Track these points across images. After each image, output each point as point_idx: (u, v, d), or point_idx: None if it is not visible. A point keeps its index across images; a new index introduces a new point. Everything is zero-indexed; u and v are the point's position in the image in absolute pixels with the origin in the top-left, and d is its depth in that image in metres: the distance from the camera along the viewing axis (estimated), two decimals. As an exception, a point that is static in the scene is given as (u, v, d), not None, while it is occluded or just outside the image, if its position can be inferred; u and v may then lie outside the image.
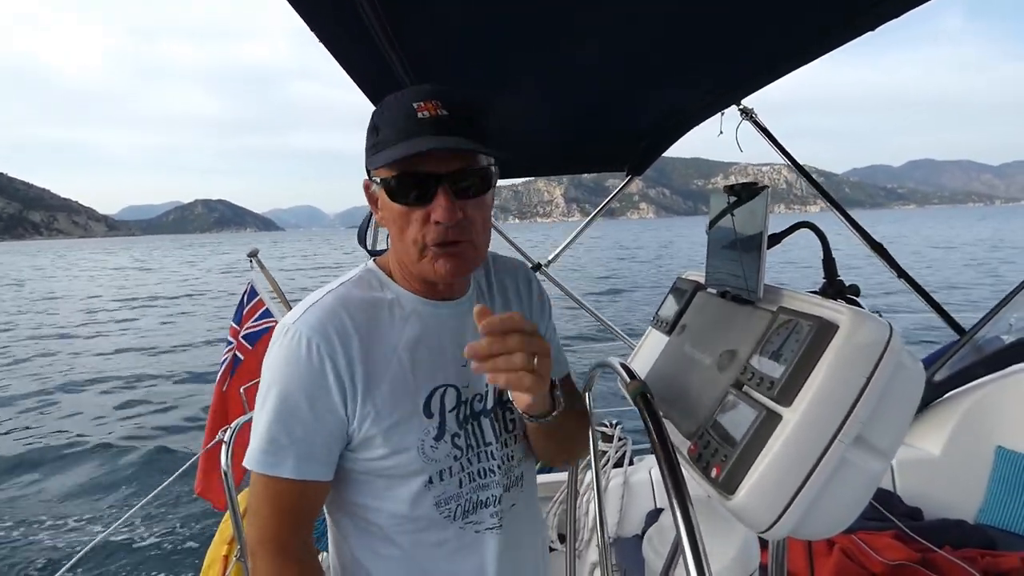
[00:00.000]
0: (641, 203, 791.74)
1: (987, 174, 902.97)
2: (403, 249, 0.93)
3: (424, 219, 0.89)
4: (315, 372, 0.89)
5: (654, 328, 1.43)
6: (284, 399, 0.89)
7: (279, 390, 0.90)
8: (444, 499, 0.96)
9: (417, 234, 0.90)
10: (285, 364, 0.90)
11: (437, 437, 0.95)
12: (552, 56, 1.59)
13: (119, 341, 17.27)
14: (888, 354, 0.81)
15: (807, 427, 0.81)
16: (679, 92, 2.03)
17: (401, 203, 0.89)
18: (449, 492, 0.97)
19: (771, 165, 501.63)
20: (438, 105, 0.87)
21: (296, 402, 0.89)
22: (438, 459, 0.95)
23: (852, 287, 1.10)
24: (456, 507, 0.97)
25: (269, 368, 0.92)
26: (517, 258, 1.24)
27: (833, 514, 0.84)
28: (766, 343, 0.94)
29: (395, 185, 0.89)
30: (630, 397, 0.99)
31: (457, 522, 0.97)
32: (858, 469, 0.83)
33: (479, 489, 0.99)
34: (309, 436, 0.90)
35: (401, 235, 0.92)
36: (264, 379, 0.93)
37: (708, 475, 0.89)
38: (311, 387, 0.89)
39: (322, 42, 1.33)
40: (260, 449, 0.90)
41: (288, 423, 0.89)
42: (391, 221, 0.93)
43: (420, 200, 0.88)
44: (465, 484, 0.98)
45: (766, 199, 1.03)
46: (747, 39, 1.53)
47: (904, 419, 0.86)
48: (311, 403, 0.89)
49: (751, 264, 1.05)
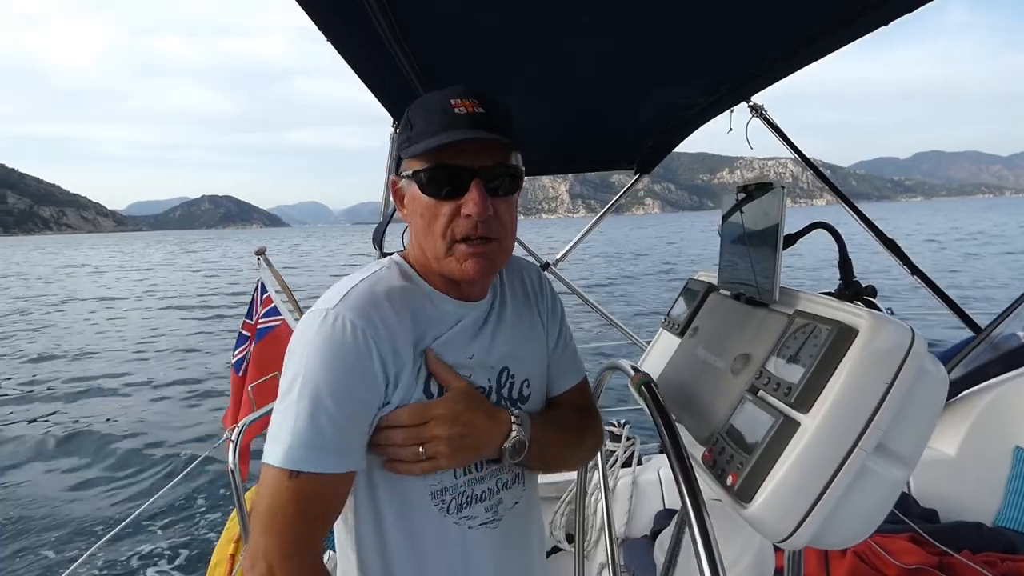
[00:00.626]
0: (647, 198, 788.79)
1: (996, 165, 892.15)
2: (430, 244, 0.92)
3: (454, 213, 0.89)
4: (361, 358, 0.85)
5: (665, 329, 1.41)
6: (326, 387, 0.84)
7: (320, 377, 0.84)
8: (439, 491, 0.95)
9: (446, 228, 0.89)
10: (325, 351, 0.85)
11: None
12: (559, 54, 1.57)
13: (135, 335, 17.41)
14: (910, 359, 0.78)
15: (826, 434, 0.79)
16: (687, 89, 2.00)
17: (432, 195, 0.89)
18: (444, 483, 0.95)
19: (777, 159, 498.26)
20: (475, 103, 0.88)
21: (339, 390, 0.84)
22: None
23: (869, 288, 1.07)
24: (451, 500, 0.96)
25: (304, 355, 0.86)
26: (526, 258, 1.23)
27: (853, 524, 0.82)
28: (783, 347, 0.91)
29: (428, 177, 0.89)
30: (634, 389, 0.97)
31: (451, 516, 0.96)
32: (879, 477, 0.81)
33: (474, 483, 0.98)
34: (351, 425, 0.86)
35: (429, 229, 0.91)
36: (296, 367, 0.86)
37: (723, 483, 0.87)
38: (356, 373, 0.85)
39: (330, 41, 1.32)
40: (299, 444, 0.83)
41: (331, 413, 0.83)
42: (418, 215, 0.92)
43: (453, 193, 0.88)
44: (460, 475, 0.96)
45: (781, 198, 1.01)
46: (756, 35, 1.50)
47: (927, 426, 0.83)
48: (355, 390, 0.86)
49: (767, 265, 1.02)
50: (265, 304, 3.43)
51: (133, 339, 16.82)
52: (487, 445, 0.93)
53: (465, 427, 0.91)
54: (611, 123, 2.39)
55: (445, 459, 0.90)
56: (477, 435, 0.92)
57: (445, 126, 0.87)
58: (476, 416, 0.92)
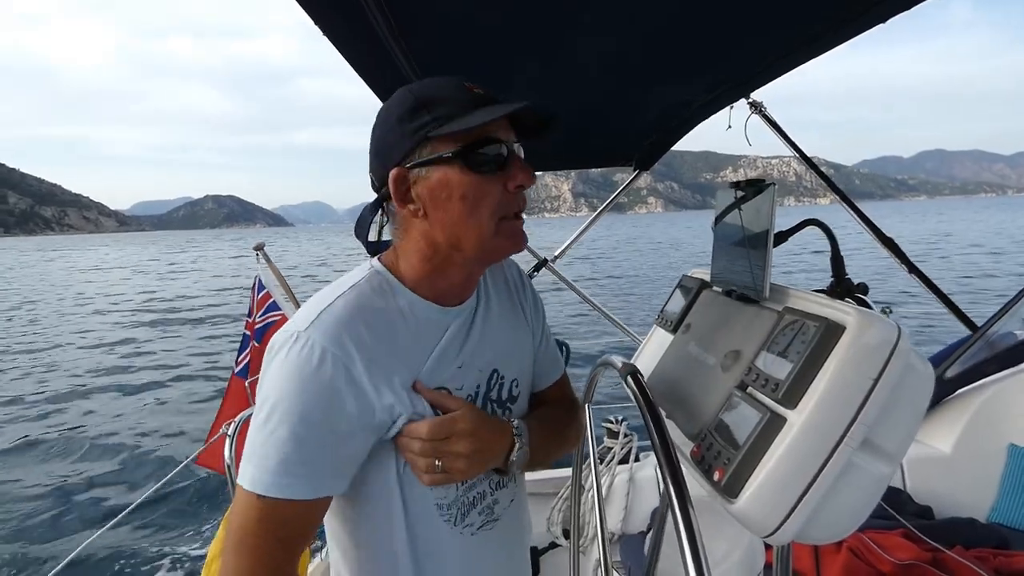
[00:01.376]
0: (649, 197, 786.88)
1: (999, 164, 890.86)
2: (474, 225, 0.87)
3: (503, 188, 0.88)
4: (329, 386, 0.83)
5: (659, 326, 1.42)
6: (296, 415, 0.82)
7: (290, 405, 0.82)
8: (445, 504, 0.95)
9: (495, 205, 0.87)
10: (294, 377, 0.82)
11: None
12: (557, 51, 1.57)
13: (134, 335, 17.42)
14: (896, 356, 0.79)
15: (812, 430, 0.79)
16: (687, 86, 2.00)
17: (480, 172, 0.86)
18: (449, 497, 0.96)
19: (780, 158, 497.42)
20: (486, 90, 0.90)
21: (307, 418, 0.82)
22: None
23: (860, 286, 1.08)
24: (456, 511, 0.97)
25: (276, 379, 0.83)
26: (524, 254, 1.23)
27: (839, 519, 0.83)
28: (771, 344, 0.92)
29: (479, 154, 0.86)
30: (622, 378, 0.98)
31: (457, 527, 0.97)
32: (865, 473, 0.81)
33: (469, 489, 0.98)
34: (320, 452, 0.83)
35: (474, 211, 0.86)
36: (269, 392, 0.84)
37: (710, 478, 0.88)
38: (325, 401, 0.83)
39: (327, 37, 1.32)
40: (269, 470, 0.81)
41: (298, 440, 0.81)
42: (457, 199, 0.86)
43: (498, 168, 0.88)
44: (459, 486, 0.97)
45: (772, 196, 1.01)
46: (756, 32, 1.50)
47: (913, 422, 0.84)
48: (327, 417, 0.83)
49: (757, 262, 1.03)
50: (263, 301, 3.44)
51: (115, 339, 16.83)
52: (495, 459, 0.96)
53: (482, 443, 0.92)
54: (612, 121, 2.39)
55: (460, 474, 0.92)
56: (490, 450, 0.94)
57: (476, 104, 0.86)
58: (490, 432, 0.94)
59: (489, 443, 0.94)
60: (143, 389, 11.12)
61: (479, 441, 0.92)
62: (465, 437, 0.90)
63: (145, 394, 10.79)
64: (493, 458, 0.95)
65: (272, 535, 0.83)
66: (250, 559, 0.83)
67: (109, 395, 10.83)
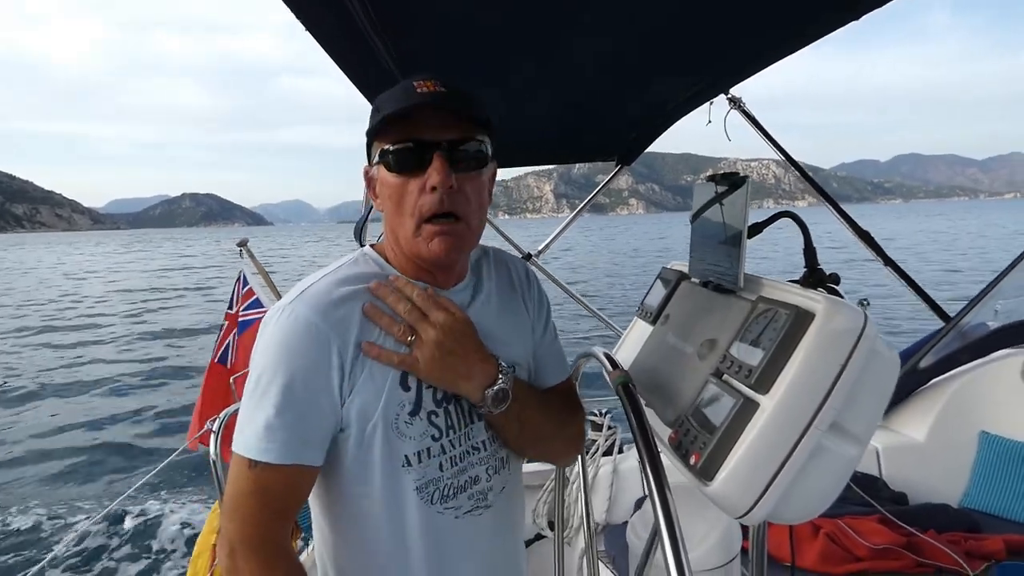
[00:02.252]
0: (631, 199, 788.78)
1: (972, 168, 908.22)
2: (400, 225, 0.93)
3: (420, 189, 0.90)
4: (313, 353, 0.87)
5: (639, 318, 1.44)
6: (280, 382, 0.87)
7: (274, 372, 0.87)
8: (423, 484, 0.94)
9: (413, 206, 0.90)
10: (281, 345, 0.88)
11: (412, 412, 0.93)
12: (542, 53, 1.59)
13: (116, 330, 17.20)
14: (862, 342, 0.82)
15: (783, 414, 0.82)
16: (667, 81, 2.03)
17: (398, 171, 0.91)
18: (429, 475, 0.95)
19: (759, 160, 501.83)
20: (437, 83, 0.91)
21: (292, 384, 0.87)
22: (413, 436, 0.93)
23: (832, 275, 1.11)
24: (435, 491, 0.95)
25: (263, 350, 0.90)
26: (508, 249, 1.24)
27: (809, 499, 0.86)
28: (745, 332, 0.95)
29: (393, 153, 0.91)
30: (613, 387, 1.00)
31: (436, 506, 0.95)
32: (834, 455, 0.84)
33: (460, 473, 0.97)
34: (304, 419, 0.88)
35: (398, 209, 0.92)
36: (257, 362, 0.90)
37: (687, 462, 0.91)
38: (308, 368, 0.87)
39: (312, 35, 1.32)
40: (252, 434, 0.87)
41: (283, 406, 0.87)
42: (388, 197, 0.93)
43: (417, 168, 0.90)
44: (446, 468, 0.96)
45: (747, 190, 1.04)
46: (733, 28, 1.53)
47: (879, 406, 0.87)
48: (307, 385, 0.87)
49: (732, 254, 1.06)
50: (247, 296, 3.43)
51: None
52: (468, 379, 0.93)
53: (457, 345, 0.92)
54: (593, 115, 2.42)
55: (424, 365, 0.90)
56: (464, 362, 0.92)
57: (407, 102, 0.89)
58: (470, 345, 0.93)
59: (464, 353, 0.92)
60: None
61: (455, 342, 0.91)
62: (443, 329, 0.91)
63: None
64: (465, 375, 0.92)
65: (259, 502, 0.88)
66: (240, 524, 0.88)
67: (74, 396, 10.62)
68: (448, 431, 0.96)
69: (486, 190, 0.98)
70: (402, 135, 0.90)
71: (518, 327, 1.08)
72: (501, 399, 0.95)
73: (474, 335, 0.95)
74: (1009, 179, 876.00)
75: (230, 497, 0.89)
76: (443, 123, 0.90)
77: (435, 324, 0.91)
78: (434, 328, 0.91)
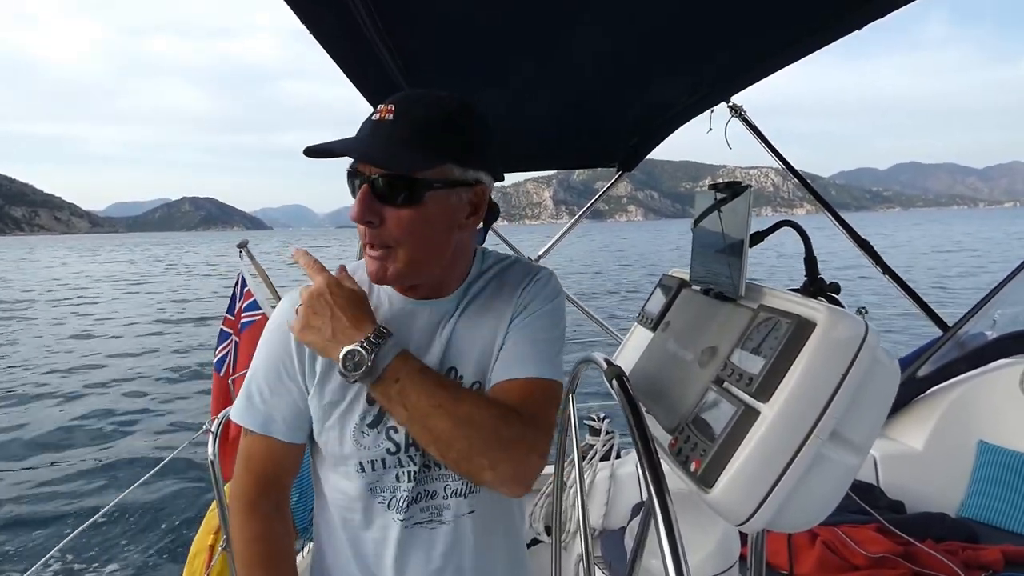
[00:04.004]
0: (629, 205, 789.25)
1: (971, 177, 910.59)
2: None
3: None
4: (284, 340, 0.98)
5: (639, 324, 1.45)
6: (261, 357, 1.00)
7: (261, 348, 1.01)
8: (379, 487, 0.99)
9: (362, 230, 0.92)
10: (272, 325, 1.02)
11: (372, 424, 0.96)
12: (543, 53, 1.59)
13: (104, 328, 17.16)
14: (863, 351, 0.83)
15: (784, 422, 0.83)
16: (669, 88, 2.04)
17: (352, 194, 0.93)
18: (384, 482, 0.98)
19: (758, 168, 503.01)
20: (391, 110, 0.88)
21: (268, 363, 0.99)
22: (367, 447, 0.96)
23: (833, 285, 1.11)
24: (391, 497, 0.99)
25: (265, 328, 1.04)
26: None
27: (809, 507, 0.86)
28: (746, 340, 0.95)
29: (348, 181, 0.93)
30: (607, 380, 1.00)
31: (391, 512, 0.99)
32: (834, 463, 0.85)
33: (418, 485, 0.98)
34: (273, 397, 0.99)
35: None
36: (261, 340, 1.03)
37: (687, 469, 0.91)
38: (280, 352, 0.98)
39: (313, 35, 1.33)
40: (239, 403, 1.01)
41: (260, 381, 1.00)
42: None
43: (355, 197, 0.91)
44: (403, 479, 0.97)
45: (748, 198, 1.05)
46: (735, 36, 1.54)
47: (879, 415, 0.87)
48: (277, 367, 0.99)
49: (733, 262, 1.06)
50: (246, 298, 3.42)
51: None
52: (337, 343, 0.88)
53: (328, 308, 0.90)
54: (594, 120, 2.42)
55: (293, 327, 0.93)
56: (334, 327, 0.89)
57: (358, 132, 0.91)
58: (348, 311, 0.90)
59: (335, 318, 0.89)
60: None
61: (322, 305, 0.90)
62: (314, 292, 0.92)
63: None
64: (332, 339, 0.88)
65: (244, 465, 1.01)
66: (234, 481, 1.02)
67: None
68: (408, 448, 0.97)
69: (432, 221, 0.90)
70: (350, 165, 0.91)
71: (488, 338, 1.00)
72: (356, 364, 0.86)
73: (356, 304, 0.91)
74: (1009, 188, 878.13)
75: (237, 458, 1.03)
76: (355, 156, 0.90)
77: (309, 288, 0.95)
78: (307, 291, 0.94)
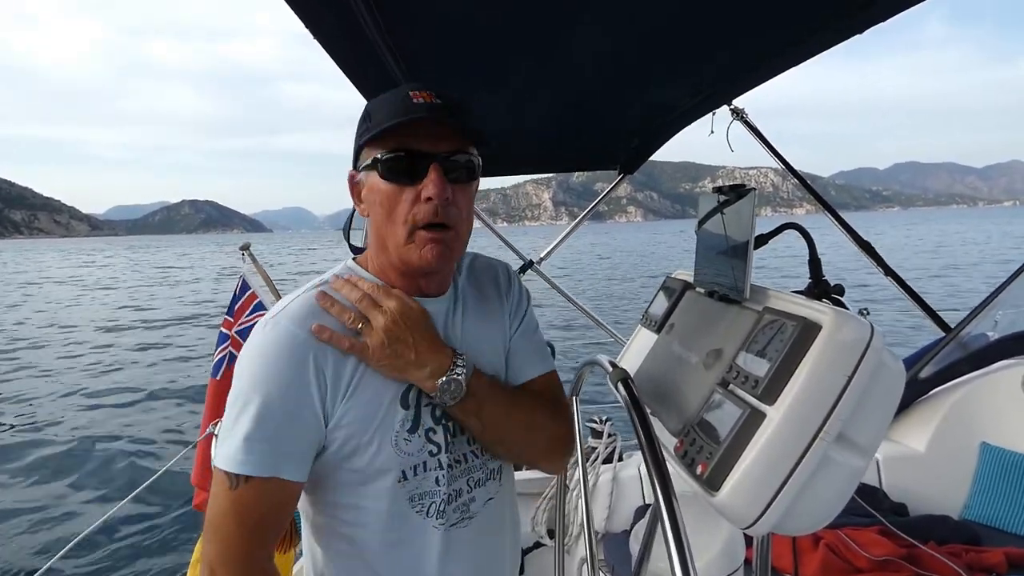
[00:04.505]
0: (629, 206, 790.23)
1: (971, 176, 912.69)
2: (391, 233, 0.92)
3: (415, 198, 0.90)
4: (296, 367, 0.87)
5: (643, 326, 1.45)
6: (259, 394, 0.86)
7: (253, 385, 0.87)
8: (418, 495, 0.95)
9: (407, 214, 0.90)
10: (262, 358, 0.88)
11: (411, 429, 0.94)
12: (544, 54, 1.59)
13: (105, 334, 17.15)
14: (869, 353, 0.82)
15: (790, 425, 0.82)
16: (671, 91, 2.04)
17: (392, 180, 0.90)
18: (424, 488, 0.95)
19: (758, 168, 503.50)
20: (432, 95, 0.91)
21: (270, 397, 0.86)
22: (411, 452, 0.94)
23: (837, 287, 1.12)
24: (430, 504, 0.96)
25: (248, 361, 0.89)
26: (504, 257, 1.24)
27: (815, 510, 0.86)
28: (751, 342, 0.95)
29: (388, 162, 0.90)
30: (612, 384, 1.01)
31: (431, 519, 0.96)
32: (840, 466, 0.85)
33: (453, 481, 0.98)
34: (283, 432, 0.87)
35: (389, 217, 0.92)
36: (241, 373, 0.89)
37: (693, 472, 0.91)
38: (287, 381, 0.87)
39: (314, 35, 1.33)
40: (231, 447, 0.86)
41: (261, 419, 0.86)
42: (378, 205, 0.93)
43: (412, 177, 0.90)
44: (442, 482, 0.96)
45: (753, 201, 1.05)
46: (737, 39, 1.54)
47: (885, 417, 0.87)
48: (285, 398, 0.87)
49: (738, 264, 1.06)
50: (249, 301, 3.42)
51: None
52: (418, 366, 0.91)
53: (406, 333, 0.91)
54: (596, 122, 2.43)
55: (372, 351, 0.90)
56: (414, 350, 0.91)
57: (405, 112, 0.89)
58: (421, 333, 0.93)
59: (416, 342, 0.91)
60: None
61: (403, 330, 0.91)
62: (392, 315, 0.91)
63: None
64: (416, 363, 0.91)
65: (238, 520, 0.86)
66: (219, 545, 0.87)
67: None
68: (446, 446, 0.97)
69: (473, 200, 0.99)
70: (397, 144, 0.90)
71: (492, 334, 1.07)
72: (454, 391, 0.93)
73: (427, 324, 0.95)
74: (1008, 187, 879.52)
75: (210, 517, 0.88)
76: (439, 134, 0.91)
77: (385, 312, 0.92)
78: (383, 315, 0.91)
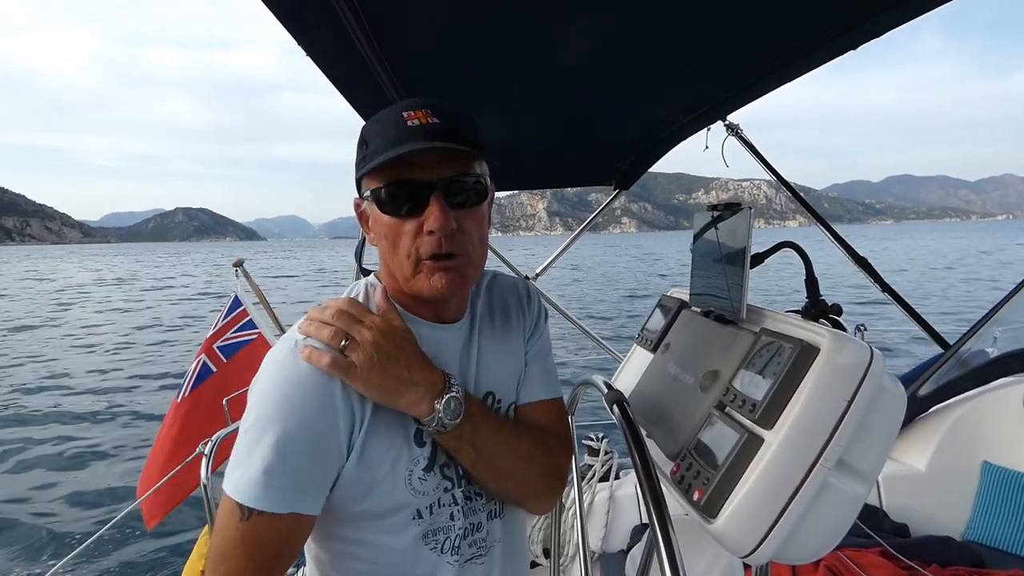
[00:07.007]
0: (623, 217, 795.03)
1: (964, 189, 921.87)
2: (397, 266, 0.88)
3: (417, 231, 0.85)
4: (324, 398, 0.82)
5: (639, 345, 1.43)
6: (280, 425, 0.80)
7: (275, 414, 0.81)
8: (432, 531, 0.90)
9: (410, 247, 0.85)
10: (285, 384, 0.82)
11: (427, 468, 0.88)
12: (539, 71, 1.59)
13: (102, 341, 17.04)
14: (869, 377, 0.81)
15: (789, 450, 0.80)
16: (665, 107, 2.04)
17: (392, 214, 0.85)
18: (438, 524, 0.90)
19: (751, 181, 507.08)
20: (428, 114, 0.85)
21: (297, 429, 0.80)
22: (426, 492, 0.89)
23: (834, 307, 1.09)
24: (444, 540, 0.91)
25: (265, 388, 0.83)
26: (506, 271, 1.21)
27: (816, 538, 0.84)
28: (749, 364, 0.93)
29: (386, 195, 0.85)
30: (607, 406, 0.98)
31: (445, 555, 0.91)
32: (840, 492, 0.82)
33: (471, 515, 0.93)
34: (305, 466, 0.81)
35: (393, 250, 0.87)
36: (256, 400, 0.83)
37: (690, 498, 0.88)
38: (317, 413, 0.81)
39: (308, 55, 1.32)
40: (248, 479, 0.79)
41: (283, 451, 0.79)
42: (382, 237, 0.88)
43: (412, 210, 0.84)
44: (457, 517, 0.92)
45: (749, 219, 1.03)
46: (732, 56, 1.54)
47: (886, 442, 0.85)
48: (312, 429, 0.81)
49: (734, 284, 1.04)
50: (240, 317, 3.41)
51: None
52: (411, 385, 0.84)
53: (397, 352, 0.84)
54: (591, 139, 2.43)
55: (362, 370, 0.82)
56: (404, 370, 0.84)
57: (399, 140, 0.83)
58: (412, 353, 0.86)
59: (406, 362, 0.84)
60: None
61: (393, 347, 0.84)
62: (380, 331, 0.84)
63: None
64: (408, 381, 0.84)
65: (248, 554, 0.80)
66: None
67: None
68: (459, 480, 0.92)
69: (486, 220, 0.92)
70: (394, 176, 0.84)
71: (512, 361, 1.02)
72: (455, 409, 0.85)
73: (414, 342, 0.88)
74: (1001, 200, 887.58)
75: (217, 548, 0.82)
76: (439, 158, 0.84)
77: (371, 327, 0.84)
78: (370, 330, 0.84)
